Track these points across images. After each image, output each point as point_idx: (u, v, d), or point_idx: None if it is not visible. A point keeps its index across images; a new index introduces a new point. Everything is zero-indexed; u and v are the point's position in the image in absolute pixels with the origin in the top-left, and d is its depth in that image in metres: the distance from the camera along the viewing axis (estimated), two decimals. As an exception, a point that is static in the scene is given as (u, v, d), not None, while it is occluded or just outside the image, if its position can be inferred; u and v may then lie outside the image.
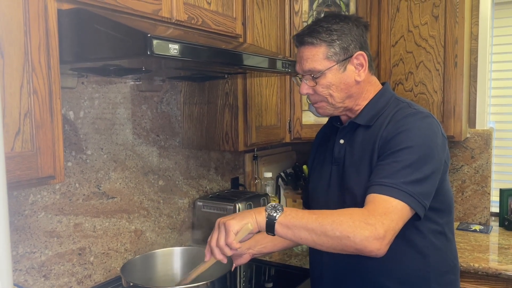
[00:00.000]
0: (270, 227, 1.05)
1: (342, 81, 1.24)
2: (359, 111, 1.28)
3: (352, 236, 1.01)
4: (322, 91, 1.24)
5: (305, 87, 1.26)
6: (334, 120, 1.37)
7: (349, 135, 1.28)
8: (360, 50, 1.24)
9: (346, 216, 1.04)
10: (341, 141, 1.29)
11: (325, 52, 1.22)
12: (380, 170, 1.13)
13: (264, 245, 1.41)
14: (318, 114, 1.32)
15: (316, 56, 1.23)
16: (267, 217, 1.05)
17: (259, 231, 1.11)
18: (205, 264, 1.16)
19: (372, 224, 1.02)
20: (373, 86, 1.30)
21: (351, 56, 1.24)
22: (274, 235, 1.06)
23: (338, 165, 1.28)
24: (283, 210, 1.06)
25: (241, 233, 1.18)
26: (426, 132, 1.15)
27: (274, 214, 1.05)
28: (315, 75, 1.23)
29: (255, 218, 1.06)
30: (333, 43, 1.23)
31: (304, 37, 1.24)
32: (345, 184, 1.23)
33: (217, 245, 1.06)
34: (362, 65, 1.25)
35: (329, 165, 1.31)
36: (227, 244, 1.05)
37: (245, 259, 1.34)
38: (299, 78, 1.29)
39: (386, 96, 1.29)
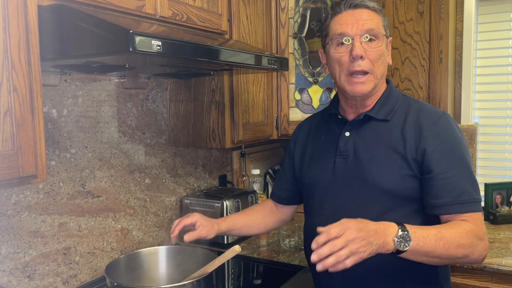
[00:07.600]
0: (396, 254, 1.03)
1: (385, 56, 1.24)
2: (372, 105, 1.25)
3: (470, 254, 1.09)
4: (374, 57, 1.19)
5: (361, 48, 1.17)
6: (333, 113, 1.33)
7: (356, 129, 1.26)
8: None
9: (466, 238, 1.08)
10: (347, 134, 1.26)
11: (382, 21, 1.23)
12: (451, 184, 1.14)
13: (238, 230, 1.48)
14: (356, 91, 1.20)
15: (377, 20, 1.21)
16: (394, 251, 1.00)
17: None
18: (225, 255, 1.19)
19: (482, 238, 1.11)
20: (384, 80, 1.29)
21: (388, 37, 1.25)
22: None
23: (344, 158, 1.25)
24: (411, 241, 1.00)
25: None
26: (461, 133, 1.21)
27: (404, 248, 1.00)
28: (377, 36, 1.19)
29: (382, 246, 0.98)
30: (385, 17, 1.25)
31: (364, 1, 1.21)
32: (363, 176, 1.20)
33: (337, 252, 0.93)
34: (389, 51, 1.26)
35: (332, 157, 1.27)
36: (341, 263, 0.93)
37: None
38: (348, 40, 1.19)
39: (395, 91, 1.29)
